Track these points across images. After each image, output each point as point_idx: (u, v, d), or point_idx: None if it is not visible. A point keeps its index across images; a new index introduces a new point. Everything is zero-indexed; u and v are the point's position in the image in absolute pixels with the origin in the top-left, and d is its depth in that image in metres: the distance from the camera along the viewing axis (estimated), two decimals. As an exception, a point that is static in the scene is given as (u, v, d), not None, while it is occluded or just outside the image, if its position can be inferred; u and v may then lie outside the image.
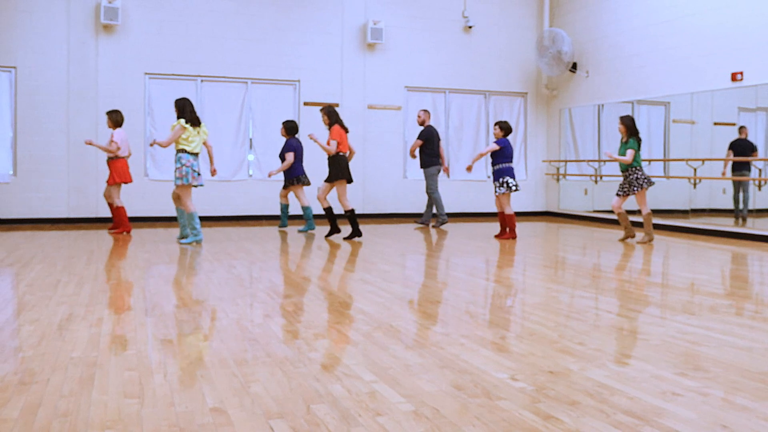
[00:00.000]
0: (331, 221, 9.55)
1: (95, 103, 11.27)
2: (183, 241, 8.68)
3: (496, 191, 9.64)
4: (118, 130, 9.86)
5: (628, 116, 9.34)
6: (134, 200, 11.43)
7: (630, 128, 9.17)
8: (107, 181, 9.91)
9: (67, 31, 11.17)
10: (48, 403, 2.89)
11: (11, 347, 3.78)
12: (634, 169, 9.10)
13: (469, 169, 9.95)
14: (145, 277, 6.25)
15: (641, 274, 6.99)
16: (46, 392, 3.02)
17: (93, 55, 11.31)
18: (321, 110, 9.56)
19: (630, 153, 9.03)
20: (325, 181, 9.39)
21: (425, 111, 11.52)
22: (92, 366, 3.42)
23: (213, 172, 9.03)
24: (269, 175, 10.50)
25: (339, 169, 9.24)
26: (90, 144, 9.84)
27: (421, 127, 11.42)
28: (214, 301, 5.13)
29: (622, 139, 9.30)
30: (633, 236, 9.45)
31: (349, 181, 9.36)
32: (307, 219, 10.32)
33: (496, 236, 9.86)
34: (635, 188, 9.08)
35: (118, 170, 9.81)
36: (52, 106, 11.14)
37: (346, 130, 9.43)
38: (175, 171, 8.41)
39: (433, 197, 11.31)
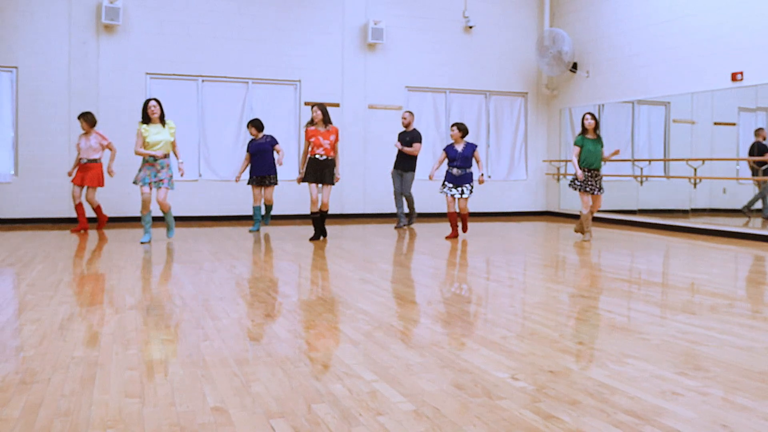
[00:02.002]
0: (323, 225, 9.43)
1: (96, 104, 11.27)
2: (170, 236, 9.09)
3: (464, 194, 9.53)
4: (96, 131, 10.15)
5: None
6: (135, 200, 11.43)
7: (598, 125, 9.44)
8: (91, 184, 10.04)
9: (69, 31, 11.18)
10: (49, 402, 2.90)
11: (12, 347, 3.79)
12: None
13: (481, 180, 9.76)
14: (146, 276, 6.26)
15: (641, 273, 6.99)
16: (48, 392, 3.03)
17: (94, 56, 11.32)
18: (318, 106, 9.04)
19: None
20: (330, 184, 9.09)
21: (411, 113, 11.33)
22: (93, 365, 3.43)
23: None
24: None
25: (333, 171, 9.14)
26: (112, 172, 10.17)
27: (405, 129, 11.12)
28: (214, 300, 5.13)
29: (589, 135, 9.28)
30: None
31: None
32: (257, 220, 10.39)
33: (449, 237, 9.68)
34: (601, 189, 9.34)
35: (99, 173, 10.08)
36: (53, 107, 11.15)
37: None
38: (170, 177, 8.62)
39: (412, 198, 11.22)
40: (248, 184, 10.42)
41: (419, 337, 4.12)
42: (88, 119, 10.02)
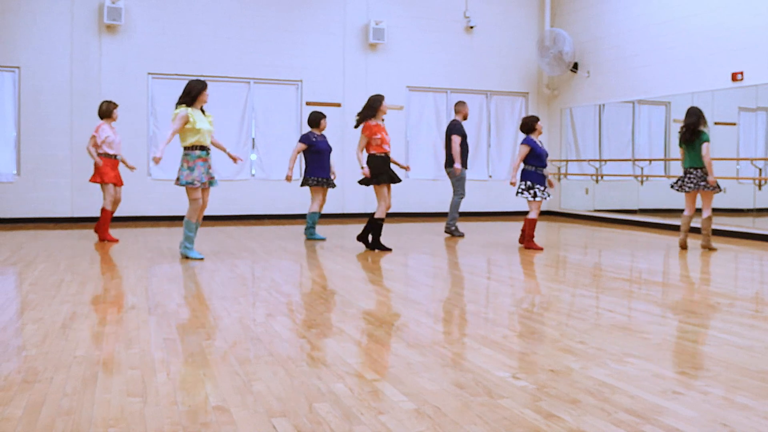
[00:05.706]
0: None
1: (98, 103, 11.26)
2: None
3: (520, 195, 8.65)
4: (104, 125, 8.66)
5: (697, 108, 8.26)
6: (138, 200, 11.45)
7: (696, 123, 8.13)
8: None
9: (71, 31, 11.19)
10: (51, 401, 2.91)
11: (15, 346, 3.80)
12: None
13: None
14: (147, 276, 6.27)
15: (642, 272, 7.00)
16: (50, 391, 3.04)
17: (96, 55, 11.34)
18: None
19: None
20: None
21: (464, 103, 10.05)
22: (95, 364, 3.44)
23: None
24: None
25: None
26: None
27: (464, 122, 10.02)
28: (216, 299, 5.14)
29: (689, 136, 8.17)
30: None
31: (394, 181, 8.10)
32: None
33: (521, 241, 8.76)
34: (706, 186, 8.21)
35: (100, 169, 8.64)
36: (55, 106, 11.16)
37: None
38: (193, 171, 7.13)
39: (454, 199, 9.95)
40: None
41: (420, 336, 4.13)
42: (100, 109, 8.78)
